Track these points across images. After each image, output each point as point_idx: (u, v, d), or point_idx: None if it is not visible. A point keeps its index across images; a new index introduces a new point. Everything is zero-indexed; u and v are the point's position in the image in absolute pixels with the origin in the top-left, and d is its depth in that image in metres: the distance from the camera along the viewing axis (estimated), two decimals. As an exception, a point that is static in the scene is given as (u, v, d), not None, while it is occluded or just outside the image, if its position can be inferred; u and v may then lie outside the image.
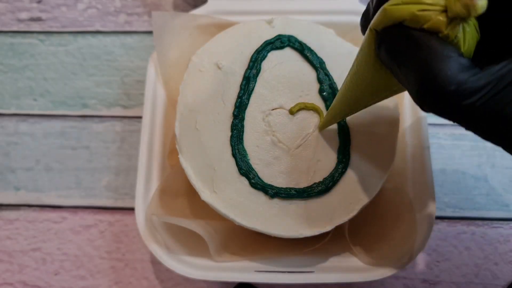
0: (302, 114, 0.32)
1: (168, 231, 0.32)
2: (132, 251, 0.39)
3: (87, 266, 0.39)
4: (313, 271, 0.32)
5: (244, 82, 0.32)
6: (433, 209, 0.32)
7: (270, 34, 0.33)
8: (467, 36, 0.17)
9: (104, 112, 0.43)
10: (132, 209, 0.39)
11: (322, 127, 0.31)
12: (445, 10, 0.16)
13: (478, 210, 0.39)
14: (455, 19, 0.16)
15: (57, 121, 0.43)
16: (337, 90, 0.32)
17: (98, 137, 0.42)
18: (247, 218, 0.30)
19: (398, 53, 0.18)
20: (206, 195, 0.30)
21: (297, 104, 0.32)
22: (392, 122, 0.32)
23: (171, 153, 0.35)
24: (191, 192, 0.32)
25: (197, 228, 0.30)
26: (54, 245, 0.39)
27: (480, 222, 0.39)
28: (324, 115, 0.31)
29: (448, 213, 0.39)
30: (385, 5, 0.18)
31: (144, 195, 0.34)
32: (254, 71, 0.32)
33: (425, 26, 0.17)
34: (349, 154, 0.31)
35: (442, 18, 0.17)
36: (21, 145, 0.43)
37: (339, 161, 0.31)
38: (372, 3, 0.21)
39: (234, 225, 0.30)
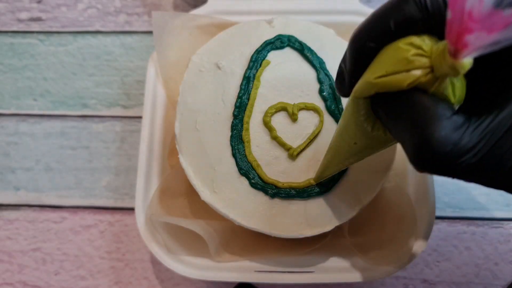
0: (302, 114, 0.32)
1: (168, 231, 0.32)
2: (132, 251, 0.39)
3: (87, 266, 0.39)
4: (313, 271, 0.32)
5: (244, 82, 0.32)
6: (433, 209, 0.32)
7: (270, 34, 0.33)
8: (456, 87, 0.17)
9: (104, 112, 0.43)
10: (132, 209, 0.39)
11: (317, 180, 0.30)
12: (432, 70, 0.16)
13: (478, 210, 0.39)
14: (443, 77, 0.16)
15: (57, 121, 0.43)
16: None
17: (98, 137, 0.42)
18: (247, 218, 0.30)
19: (391, 114, 0.18)
20: (206, 195, 0.30)
21: (297, 104, 0.32)
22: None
23: (171, 153, 0.35)
24: (191, 192, 0.32)
25: (197, 228, 0.30)
26: (54, 245, 0.39)
27: (480, 222, 0.39)
28: (318, 169, 0.30)
29: (448, 213, 0.39)
30: (371, 79, 0.18)
31: (144, 195, 0.34)
32: (254, 71, 0.32)
33: (413, 85, 0.17)
34: (349, 154, 0.31)
35: (430, 77, 0.16)
36: (21, 145, 0.43)
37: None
38: (344, 66, 0.20)
39: (234, 225, 0.30)
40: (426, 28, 0.17)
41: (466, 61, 0.15)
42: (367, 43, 0.18)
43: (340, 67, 0.21)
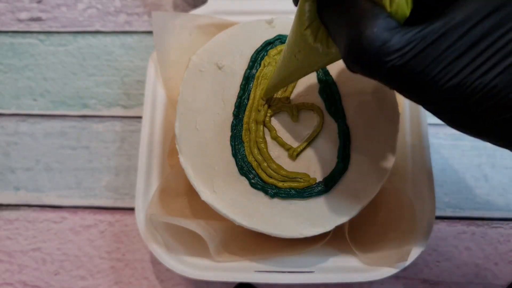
0: (302, 114, 0.32)
1: (168, 231, 0.32)
2: (132, 251, 0.39)
3: (87, 266, 0.39)
4: (313, 271, 0.32)
5: (244, 82, 0.32)
6: (433, 209, 0.32)
7: (270, 34, 0.33)
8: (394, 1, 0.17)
9: (104, 112, 0.43)
10: (132, 209, 0.39)
11: (265, 95, 0.31)
12: None
13: (478, 210, 0.39)
14: None
15: (57, 121, 0.43)
16: (337, 91, 0.32)
17: (98, 137, 0.42)
18: (247, 218, 0.30)
19: (332, 13, 0.19)
20: (206, 195, 0.30)
21: (297, 104, 0.32)
22: (392, 122, 0.32)
23: (171, 153, 0.35)
24: (191, 192, 0.32)
25: (197, 228, 0.30)
26: (54, 245, 0.39)
27: (480, 222, 0.39)
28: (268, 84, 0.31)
29: (448, 213, 0.39)
30: None
31: (144, 195, 0.34)
32: (254, 71, 0.32)
33: None
34: (349, 154, 0.31)
35: None
36: (21, 145, 0.43)
37: (339, 161, 0.31)
38: None
39: (234, 225, 0.30)
40: None
41: None
42: None
43: None
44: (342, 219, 0.30)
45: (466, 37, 0.16)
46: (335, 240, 0.32)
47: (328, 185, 0.30)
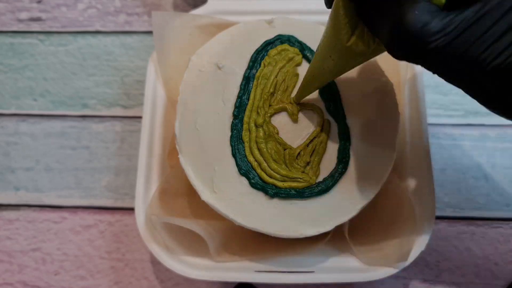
0: (302, 114, 0.32)
1: (168, 231, 0.32)
2: (132, 251, 0.39)
3: (87, 266, 0.39)
4: (313, 271, 0.32)
5: (244, 82, 0.32)
6: (433, 209, 0.32)
7: (270, 34, 0.33)
8: None
9: (104, 112, 0.43)
10: (132, 209, 0.39)
11: (297, 99, 0.31)
12: None
13: (478, 210, 0.39)
14: None
15: (57, 121, 0.43)
16: (337, 90, 0.32)
17: (98, 137, 0.42)
18: (247, 218, 0.30)
19: (370, 4, 0.19)
20: (206, 195, 0.30)
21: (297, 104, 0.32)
22: (392, 122, 0.32)
23: (171, 153, 0.35)
24: (191, 192, 0.32)
25: (197, 228, 0.30)
26: (54, 245, 0.39)
27: (480, 222, 0.39)
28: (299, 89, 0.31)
29: (448, 213, 0.39)
30: None
31: (144, 195, 0.34)
32: (254, 71, 0.32)
33: None
34: (349, 154, 0.31)
35: None
36: (21, 145, 0.43)
37: (339, 161, 0.31)
38: None
39: (234, 225, 0.30)
40: None
41: None
42: None
43: None
44: (342, 219, 0.30)
45: (507, 16, 0.16)
46: (335, 240, 0.32)
47: (328, 185, 0.30)
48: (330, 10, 0.24)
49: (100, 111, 0.43)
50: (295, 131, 0.31)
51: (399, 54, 0.18)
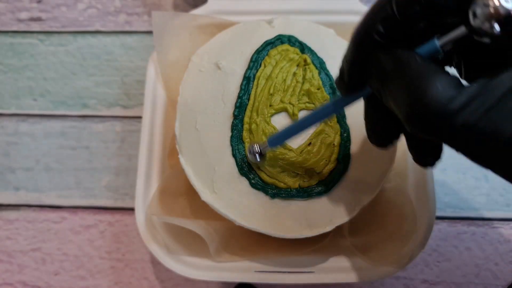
0: (303, 114, 0.32)
1: (168, 231, 0.32)
2: (132, 251, 0.39)
3: (87, 266, 0.39)
4: (313, 271, 0.32)
5: (244, 82, 0.32)
6: (433, 209, 0.32)
7: (270, 34, 0.33)
8: None
9: (104, 112, 0.43)
10: (132, 209, 0.39)
11: None
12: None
13: (479, 210, 0.39)
14: None
15: (57, 121, 0.43)
16: (337, 91, 0.32)
17: (98, 137, 0.42)
18: (247, 218, 0.30)
19: (385, 75, 0.18)
20: (206, 195, 0.30)
21: (297, 105, 0.32)
22: (392, 122, 0.32)
23: (171, 153, 0.35)
24: (191, 192, 0.32)
25: (197, 228, 0.30)
26: (54, 245, 0.39)
27: (480, 222, 0.39)
28: None
29: (449, 213, 0.39)
30: None
31: (144, 195, 0.34)
32: (254, 71, 0.32)
33: None
34: (349, 154, 0.31)
35: None
36: (21, 145, 0.43)
37: (339, 161, 0.31)
38: (345, 62, 0.20)
39: (234, 225, 0.30)
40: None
41: None
42: (371, 30, 0.18)
43: (341, 64, 0.21)
44: (342, 219, 0.30)
45: None
46: (335, 240, 0.32)
47: (328, 185, 0.30)
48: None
49: (100, 111, 0.43)
50: (295, 131, 0.31)
51: (418, 131, 0.17)
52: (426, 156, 0.21)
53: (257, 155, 0.29)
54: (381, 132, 0.22)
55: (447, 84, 0.15)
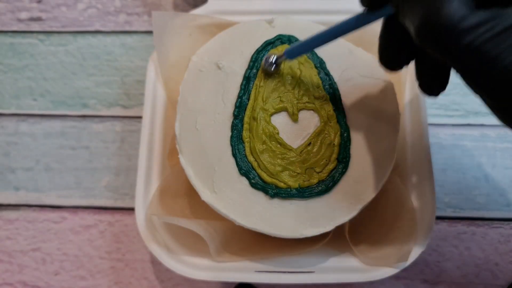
0: (303, 114, 0.32)
1: (168, 231, 0.32)
2: (132, 251, 0.39)
3: (87, 266, 0.39)
4: (313, 271, 0.32)
5: (244, 82, 0.32)
6: (434, 209, 0.32)
7: (270, 34, 0.33)
8: None
9: (104, 112, 0.43)
10: (132, 209, 0.39)
11: None
12: None
13: (479, 210, 0.39)
14: None
15: (57, 121, 0.43)
16: (337, 90, 0.32)
17: (98, 137, 0.42)
18: (247, 218, 0.30)
19: None
20: (206, 195, 0.30)
21: (297, 104, 0.32)
22: (393, 122, 0.32)
23: (171, 153, 0.35)
24: (191, 192, 0.32)
25: (197, 228, 0.30)
26: (54, 245, 0.39)
27: (480, 222, 0.39)
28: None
29: (449, 213, 0.39)
30: None
31: (144, 195, 0.34)
32: (254, 71, 0.32)
33: None
34: (349, 154, 0.31)
35: None
36: (21, 145, 0.43)
37: (339, 161, 0.31)
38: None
39: (234, 225, 0.30)
40: None
41: None
42: None
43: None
44: (342, 219, 0.30)
45: None
46: (335, 240, 0.32)
47: (328, 185, 0.30)
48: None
49: (100, 111, 0.43)
50: (296, 131, 0.31)
51: (427, 43, 0.17)
52: (433, 82, 0.22)
53: (273, 65, 0.31)
54: (392, 53, 0.23)
55: (464, 3, 0.16)
